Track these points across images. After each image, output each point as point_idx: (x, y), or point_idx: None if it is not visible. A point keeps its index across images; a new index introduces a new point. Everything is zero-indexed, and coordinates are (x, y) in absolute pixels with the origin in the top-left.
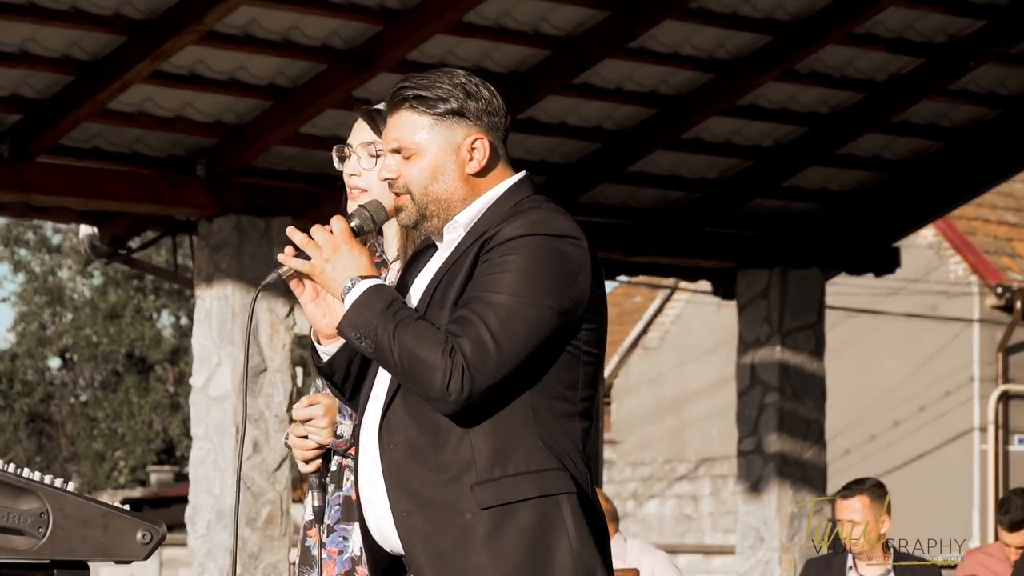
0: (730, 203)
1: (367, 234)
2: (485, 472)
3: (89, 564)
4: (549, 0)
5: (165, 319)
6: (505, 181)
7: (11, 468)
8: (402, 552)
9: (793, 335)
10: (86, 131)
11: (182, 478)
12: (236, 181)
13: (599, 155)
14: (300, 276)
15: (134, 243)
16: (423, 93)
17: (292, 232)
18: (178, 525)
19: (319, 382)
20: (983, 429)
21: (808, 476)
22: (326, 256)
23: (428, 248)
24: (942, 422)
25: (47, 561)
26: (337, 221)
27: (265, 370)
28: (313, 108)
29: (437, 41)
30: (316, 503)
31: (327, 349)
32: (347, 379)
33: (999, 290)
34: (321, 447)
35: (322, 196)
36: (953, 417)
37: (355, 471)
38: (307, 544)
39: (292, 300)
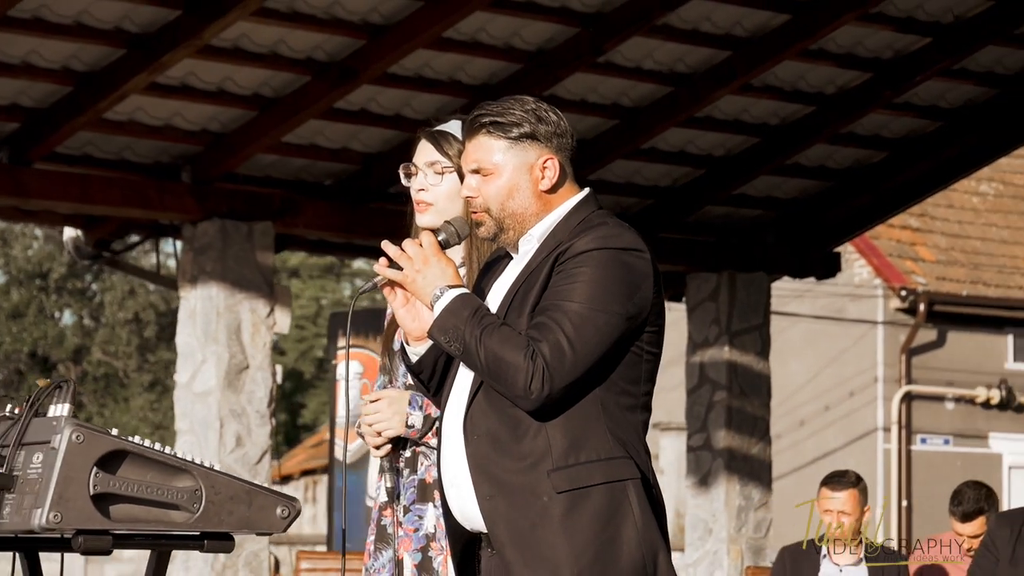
0: (682, 210)
1: (452, 247)
2: (560, 460)
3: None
4: (523, 16)
5: (67, 318)
6: (573, 197)
7: (168, 450)
8: (482, 530)
9: (740, 336)
10: (78, 139)
11: None
12: (219, 187)
13: None
14: (393, 284)
15: (118, 246)
16: (498, 119)
17: (386, 245)
18: None
19: (383, 378)
20: (887, 429)
21: (755, 471)
22: (417, 267)
23: (501, 258)
24: (847, 422)
25: (198, 533)
26: (426, 235)
27: (247, 367)
28: (296, 118)
29: (414, 55)
30: (389, 484)
31: (416, 350)
32: (433, 377)
33: (903, 293)
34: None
35: (300, 201)
36: (857, 417)
37: (438, 458)
38: (383, 523)
39: (272, 301)
